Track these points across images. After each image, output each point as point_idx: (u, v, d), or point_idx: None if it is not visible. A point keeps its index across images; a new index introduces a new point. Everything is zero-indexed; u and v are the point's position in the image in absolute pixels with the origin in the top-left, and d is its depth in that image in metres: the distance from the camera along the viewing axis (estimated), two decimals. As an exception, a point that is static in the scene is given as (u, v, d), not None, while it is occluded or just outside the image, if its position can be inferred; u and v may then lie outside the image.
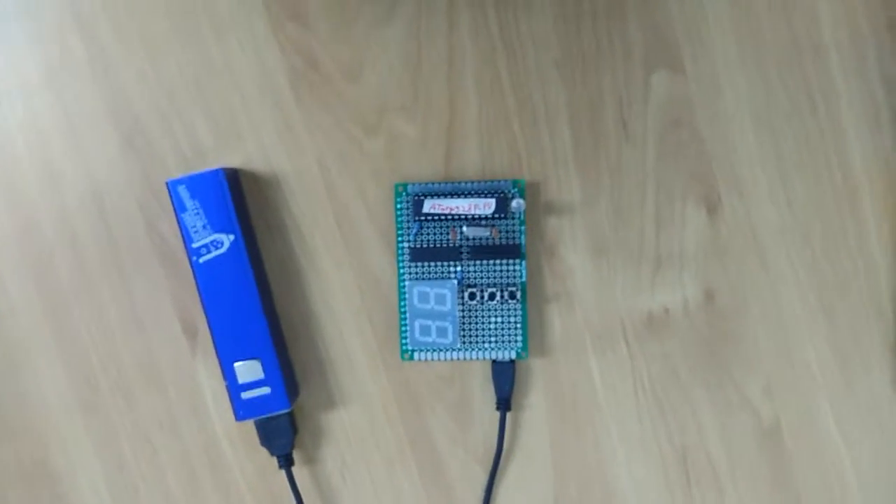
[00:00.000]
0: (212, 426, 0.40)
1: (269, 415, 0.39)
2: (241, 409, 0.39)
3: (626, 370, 0.40)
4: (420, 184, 0.40)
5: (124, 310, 0.40)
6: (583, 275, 0.39)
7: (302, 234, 0.40)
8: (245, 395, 0.39)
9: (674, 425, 0.40)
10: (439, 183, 0.40)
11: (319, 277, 0.40)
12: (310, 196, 0.40)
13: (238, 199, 0.39)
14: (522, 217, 0.40)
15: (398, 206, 0.40)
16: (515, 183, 0.40)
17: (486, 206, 0.39)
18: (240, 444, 0.40)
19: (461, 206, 0.39)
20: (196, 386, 0.40)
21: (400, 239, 0.40)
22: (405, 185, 0.40)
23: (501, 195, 0.39)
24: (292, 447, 0.39)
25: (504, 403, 0.39)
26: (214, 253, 0.38)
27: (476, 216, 0.39)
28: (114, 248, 0.40)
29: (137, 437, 0.40)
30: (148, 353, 0.40)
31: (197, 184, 0.38)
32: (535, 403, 0.40)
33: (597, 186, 0.40)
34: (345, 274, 0.40)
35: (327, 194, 0.41)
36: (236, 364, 0.39)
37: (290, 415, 0.39)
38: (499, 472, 0.40)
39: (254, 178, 0.40)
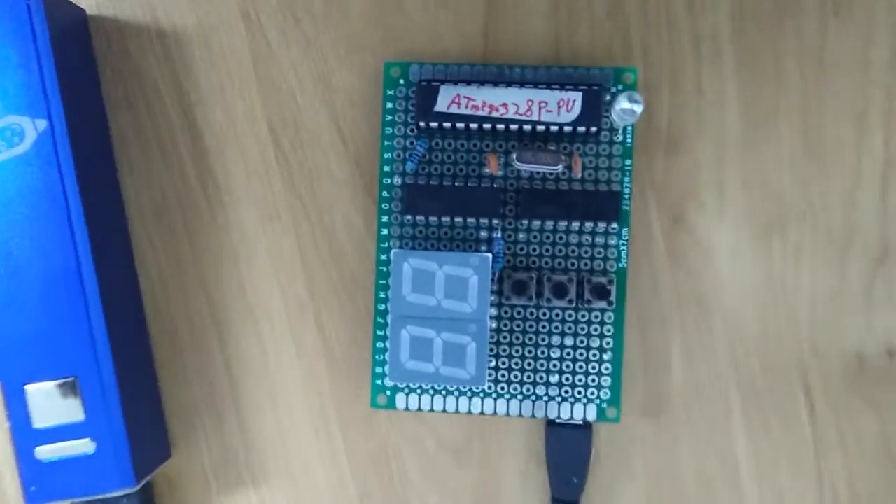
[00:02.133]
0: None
1: (94, 497, 0.19)
2: (37, 483, 0.19)
3: (807, 454, 0.23)
4: (433, 63, 0.21)
5: None
6: (734, 264, 0.22)
7: (203, 148, 0.23)
8: (45, 452, 0.19)
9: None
10: (470, 65, 0.21)
11: (229, 234, 0.21)
12: (223, 77, 0.22)
13: (70, 60, 0.20)
14: (630, 139, 0.20)
15: (388, 102, 0.21)
16: (621, 73, 0.20)
17: (565, 105, 0.19)
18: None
19: (511, 104, 0.19)
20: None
21: (387, 167, 0.21)
22: (404, 66, 0.21)
23: (593, 90, 0.20)
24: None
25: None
26: (4, 154, 0.19)
27: (540, 127, 0.20)
28: None
29: None
30: None
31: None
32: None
33: (774, 97, 0.22)
34: (277, 230, 0.21)
35: (256, 76, 0.22)
36: (28, 387, 0.19)
37: (142, 498, 0.19)
38: None
39: (118, 32, 0.21)
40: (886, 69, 0.21)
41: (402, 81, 0.21)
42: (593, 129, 0.20)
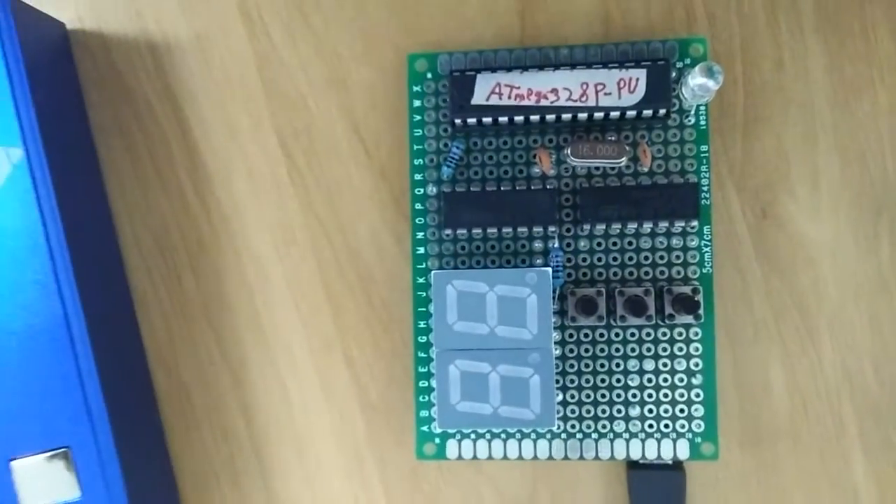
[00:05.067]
0: None
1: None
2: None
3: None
4: (464, 52, 0.18)
5: None
6: (836, 260, 0.19)
7: (206, 171, 0.20)
8: (37, 539, 0.16)
9: None
10: (508, 50, 0.18)
11: (240, 265, 0.19)
12: (224, 89, 0.19)
13: (49, 80, 0.18)
14: (705, 121, 0.17)
15: (415, 100, 0.18)
16: (687, 44, 0.17)
17: (626, 86, 0.16)
18: None
19: (562, 90, 0.16)
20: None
21: (418, 175, 0.18)
22: (431, 58, 0.18)
23: (659, 65, 0.16)
24: None
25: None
26: (-28, 191, 0.16)
27: (597, 115, 0.17)
28: None
29: None
30: None
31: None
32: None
33: (865, 63, 0.19)
34: (294, 257, 0.18)
35: (262, 83, 0.19)
36: (15, 462, 0.16)
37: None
38: None
39: (103, 47, 0.19)
40: None
41: (429, 75, 0.18)
42: (661, 111, 0.17)
